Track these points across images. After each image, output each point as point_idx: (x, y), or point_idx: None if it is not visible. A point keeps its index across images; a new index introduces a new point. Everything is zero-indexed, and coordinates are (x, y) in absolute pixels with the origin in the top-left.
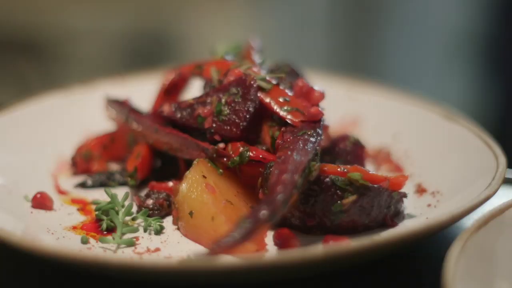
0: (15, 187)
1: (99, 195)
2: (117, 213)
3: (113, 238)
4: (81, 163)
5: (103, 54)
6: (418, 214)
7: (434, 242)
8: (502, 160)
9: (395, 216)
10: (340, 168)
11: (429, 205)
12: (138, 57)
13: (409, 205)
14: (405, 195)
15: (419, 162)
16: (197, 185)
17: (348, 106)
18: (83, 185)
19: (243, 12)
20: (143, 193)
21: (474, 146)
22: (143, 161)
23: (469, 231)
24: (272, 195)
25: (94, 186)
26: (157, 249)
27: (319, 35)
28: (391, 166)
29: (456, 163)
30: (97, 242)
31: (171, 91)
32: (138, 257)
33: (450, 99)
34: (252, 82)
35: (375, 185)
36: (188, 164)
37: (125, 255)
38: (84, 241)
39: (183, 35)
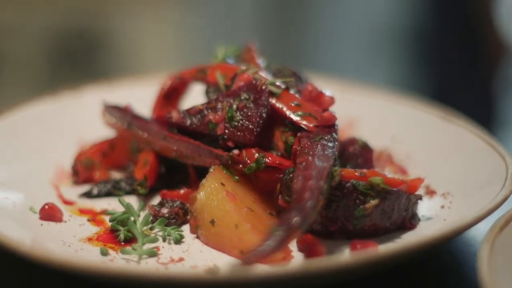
0: (17, 198)
1: (106, 205)
2: (134, 223)
3: (135, 249)
4: (83, 171)
5: (29, 52)
6: (433, 216)
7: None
8: (510, 160)
9: (412, 218)
10: (358, 173)
11: (442, 207)
12: (65, 55)
13: (422, 207)
14: (420, 197)
15: (422, 164)
16: (217, 193)
17: (342, 108)
18: (88, 195)
19: (173, 10)
20: (152, 201)
21: (476, 146)
22: (151, 168)
23: (494, 232)
24: (301, 202)
25: (100, 195)
26: (181, 259)
27: (247, 28)
28: (394, 168)
29: (461, 164)
30: (117, 253)
31: (170, 96)
32: (164, 268)
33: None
34: (263, 87)
35: (395, 189)
36: (197, 170)
37: (149, 266)
38: (104, 253)
39: (112, 33)
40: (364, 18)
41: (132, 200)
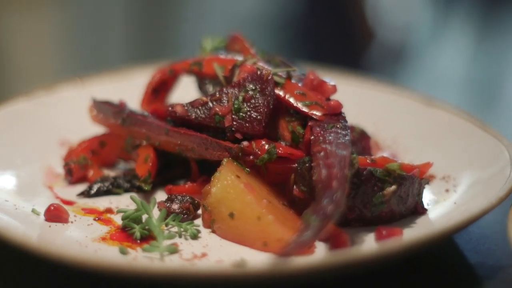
0: (17, 201)
1: (107, 203)
2: (151, 220)
3: (158, 246)
4: (77, 170)
5: None
6: (441, 200)
7: None
8: (506, 142)
9: (421, 203)
10: (369, 160)
11: (447, 190)
12: None
13: (426, 191)
14: (428, 182)
15: (411, 149)
16: (234, 186)
17: None
18: (87, 194)
19: (46, 7)
20: (157, 197)
21: (464, 129)
22: (153, 164)
23: None
24: (330, 190)
25: (99, 194)
26: (204, 254)
27: (119, 22)
28: (384, 154)
29: (454, 147)
30: (136, 251)
31: (159, 89)
32: (190, 264)
33: None
34: (269, 78)
35: (409, 174)
36: (200, 165)
37: (175, 263)
38: (124, 252)
39: None
40: (235, 5)
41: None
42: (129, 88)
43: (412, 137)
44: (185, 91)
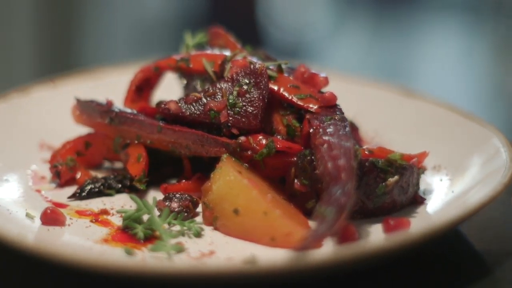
0: (9, 206)
1: (101, 204)
2: (154, 220)
3: (165, 246)
4: (65, 173)
5: None
6: (437, 189)
7: None
8: (492, 128)
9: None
10: (367, 151)
11: (441, 180)
12: None
13: (421, 181)
14: (424, 171)
15: (395, 140)
16: (238, 182)
17: None
18: (79, 196)
19: None
20: (146, 197)
21: (448, 118)
22: (146, 163)
23: None
24: (341, 182)
25: (91, 196)
26: (212, 252)
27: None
28: (369, 146)
29: (438, 137)
30: (141, 251)
31: (143, 87)
32: (200, 263)
33: None
34: (263, 71)
35: (409, 164)
36: (192, 162)
37: (184, 262)
38: (130, 253)
39: None
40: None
41: (124, 198)
42: (101, 88)
43: (395, 129)
44: (165, 89)
